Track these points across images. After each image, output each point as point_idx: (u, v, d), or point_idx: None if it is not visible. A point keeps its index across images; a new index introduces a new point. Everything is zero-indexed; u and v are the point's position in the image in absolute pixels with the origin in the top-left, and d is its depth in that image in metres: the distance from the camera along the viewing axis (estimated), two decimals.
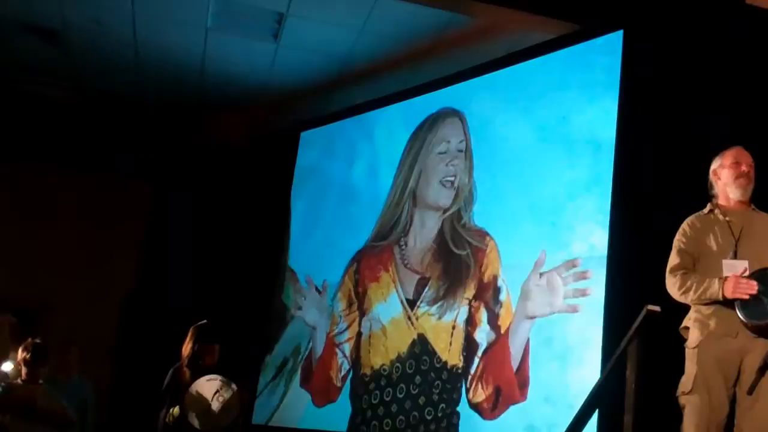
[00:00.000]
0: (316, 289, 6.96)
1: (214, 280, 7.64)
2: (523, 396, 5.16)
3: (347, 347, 6.48)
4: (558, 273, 5.15)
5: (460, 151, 6.21)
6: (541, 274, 5.24)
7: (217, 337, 5.19)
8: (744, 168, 3.73)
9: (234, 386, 4.93)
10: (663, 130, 4.98)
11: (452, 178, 6.16)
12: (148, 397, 5.33)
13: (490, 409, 5.32)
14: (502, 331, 5.41)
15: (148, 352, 7.32)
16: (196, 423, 4.75)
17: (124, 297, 8.32)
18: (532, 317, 5.23)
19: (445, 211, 6.15)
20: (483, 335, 5.53)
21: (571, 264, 5.10)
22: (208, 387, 4.83)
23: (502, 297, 5.50)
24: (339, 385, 6.42)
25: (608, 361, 3.98)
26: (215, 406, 4.81)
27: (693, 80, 4.94)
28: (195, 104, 8.13)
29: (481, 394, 5.40)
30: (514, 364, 5.25)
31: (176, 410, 4.81)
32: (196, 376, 4.97)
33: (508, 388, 5.25)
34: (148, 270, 8.37)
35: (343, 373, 6.43)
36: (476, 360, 5.51)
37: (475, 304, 5.65)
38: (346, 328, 6.54)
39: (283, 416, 6.84)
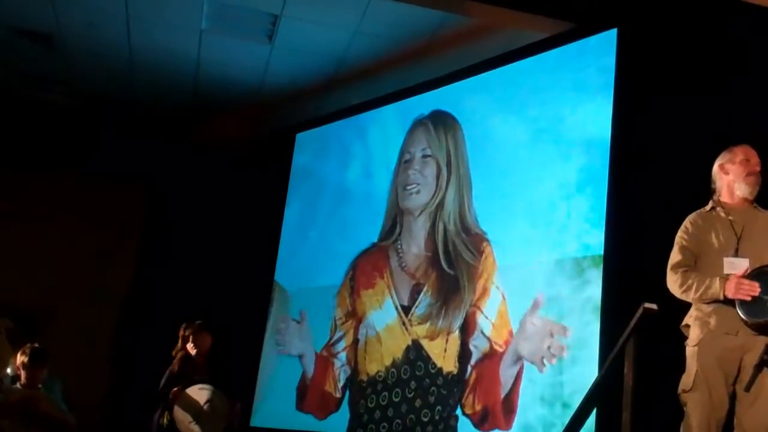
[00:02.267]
0: (294, 321, 7.03)
1: (212, 282, 7.63)
2: (508, 424, 5.15)
3: (344, 355, 6.49)
4: (551, 326, 5.14)
5: (426, 157, 6.35)
6: (538, 317, 5.23)
7: (209, 330, 5.17)
8: (756, 167, 3.74)
9: (224, 396, 4.91)
10: (658, 128, 4.99)
11: (411, 185, 6.38)
12: (146, 400, 5.32)
13: (479, 424, 5.36)
14: (498, 343, 5.40)
15: (146, 354, 7.32)
16: (187, 429, 4.73)
17: (122, 299, 8.31)
18: (521, 358, 5.23)
19: (418, 213, 6.27)
20: (477, 343, 5.54)
21: (561, 328, 5.09)
22: (200, 395, 4.82)
23: (498, 304, 5.50)
24: (339, 395, 6.42)
25: (606, 359, 3.98)
26: (206, 413, 4.79)
27: (688, 79, 4.94)
28: (190, 106, 8.13)
29: (470, 408, 5.43)
30: (504, 389, 5.25)
31: (167, 415, 4.80)
32: (186, 368, 4.94)
33: (494, 411, 5.26)
34: (145, 272, 8.36)
35: (342, 382, 6.43)
36: (469, 368, 5.52)
37: (470, 310, 5.65)
38: (343, 336, 6.55)
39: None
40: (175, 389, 4.87)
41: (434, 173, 6.25)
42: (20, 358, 5.25)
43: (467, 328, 5.62)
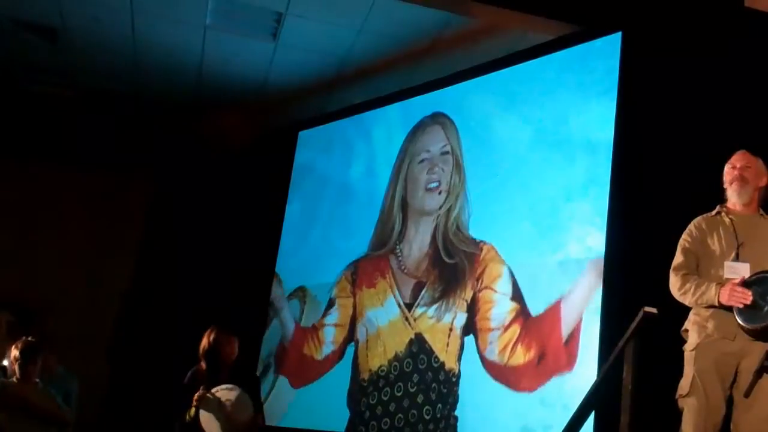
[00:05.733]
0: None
1: (213, 279, 7.63)
2: (570, 366, 4.97)
3: (333, 330, 6.56)
4: None
5: (445, 154, 6.30)
6: None
7: (235, 333, 5.16)
8: (736, 172, 3.74)
9: (248, 397, 4.88)
10: (661, 132, 4.99)
11: (436, 184, 6.31)
12: (145, 395, 5.31)
13: (527, 376, 5.16)
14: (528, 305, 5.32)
15: (147, 350, 7.33)
16: (212, 428, 4.71)
17: (123, 295, 8.30)
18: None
19: (437, 213, 6.22)
20: (500, 310, 5.45)
21: None
22: (221, 393, 4.80)
23: (511, 283, 5.45)
24: (319, 358, 6.53)
25: (605, 362, 3.98)
26: (229, 410, 4.76)
27: (691, 82, 4.94)
28: (193, 103, 8.13)
29: (520, 357, 5.24)
30: (565, 333, 5.07)
31: (192, 411, 4.78)
32: (212, 370, 4.93)
33: (555, 355, 5.06)
34: (146, 268, 8.36)
35: (326, 351, 6.53)
36: (497, 332, 5.40)
37: (481, 294, 5.62)
38: (337, 313, 6.63)
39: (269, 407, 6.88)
40: (202, 389, 4.83)
41: (452, 170, 6.22)
42: (13, 353, 5.26)
43: (478, 311, 5.58)
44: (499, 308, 5.49)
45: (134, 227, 8.58)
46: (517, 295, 5.42)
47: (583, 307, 5.05)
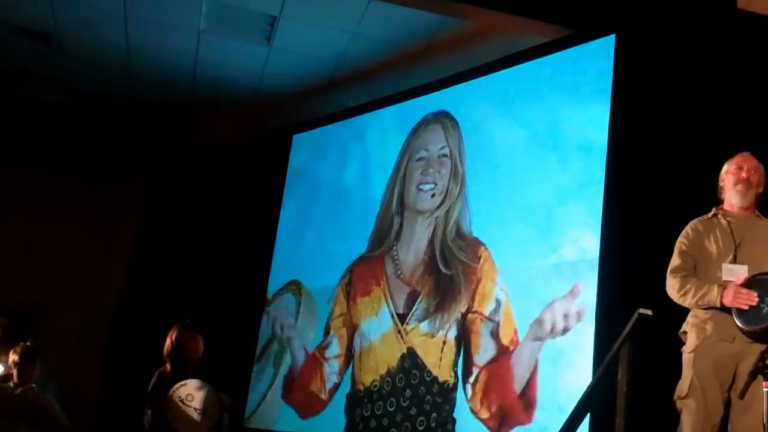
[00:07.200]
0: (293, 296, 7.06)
1: (208, 281, 7.62)
2: (529, 418, 5.02)
3: (336, 363, 6.46)
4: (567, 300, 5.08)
5: (443, 156, 6.27)
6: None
7: (200, 330, 5.10)
8: (743, 174, 3.75)
9: (211, 388, 4.83)
10: (655, 134, 4.99)
11: (429, 185, 6.28)
12: (140, 398, 5.29)
13: (499, 426, 5.22)
14: (505, 344, 5.31)
15: (142, 352, 7.29)
16: (177, 427, 4.69)
17: (118, 298, 8.29)
18: (540, 339, 5.10)
19: (428, 214, 6.19)
20: (484, 346, 5.46)
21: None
22: (185, 390, 4.76)
23: (502, 306, 5.44)
24: (325, 398, 6.41)
25: (600, 364, 3.99)
26: (194, 407, 4.73)
27: (685, 85, 4.95)
28: (187, 107, 8.12)
29: (485, 412, 5.30)
30: (518, 385, 5.13)
31: (149, 414, 4.75)
32: (178, 370, 4.88)
33: (512, 409, 5.13)
34: (141, 271, 8.35)
35: (330, 386, 6.42)
36: (475, 371, 5.43)
37: (470, 317, 5.60)
38: (336, 342, 6.52)
39: (271, 402, 6.89)
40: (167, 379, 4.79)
41: (449, 174, 6.20)
42: (12, 357, 5.25)
43: (468, 336, 5.56)
44: (482, 342, 5.46)
45: (129, 231, 8.57)
46: (496, 327, 5.40)
47: (536, 354, 5.08)
